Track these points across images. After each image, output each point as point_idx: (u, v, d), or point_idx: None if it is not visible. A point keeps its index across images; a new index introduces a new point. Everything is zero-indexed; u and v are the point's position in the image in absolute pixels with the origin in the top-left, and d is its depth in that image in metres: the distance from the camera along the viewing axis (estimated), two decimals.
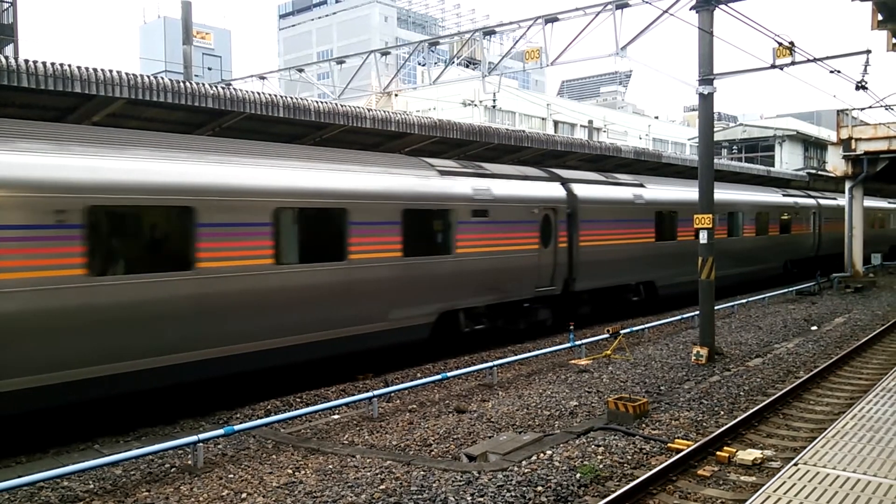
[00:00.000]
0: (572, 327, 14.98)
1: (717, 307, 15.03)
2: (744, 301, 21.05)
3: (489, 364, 12.28)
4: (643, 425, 9.36)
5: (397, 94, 40.05)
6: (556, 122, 50.73)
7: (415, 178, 13.25)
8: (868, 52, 14.16)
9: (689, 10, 13.32)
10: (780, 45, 13.30)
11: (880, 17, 17.50)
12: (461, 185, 14.08)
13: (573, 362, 13.30)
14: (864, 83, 14.65)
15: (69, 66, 9.88)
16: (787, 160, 44.05)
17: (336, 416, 10.26)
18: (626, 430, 9.05)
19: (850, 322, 18.30)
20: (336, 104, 13.75)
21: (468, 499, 6.88)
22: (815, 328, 17.33)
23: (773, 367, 13.06)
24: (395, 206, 12.58)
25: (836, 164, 28.10)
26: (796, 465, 6.56)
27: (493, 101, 40.14)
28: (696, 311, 14.55)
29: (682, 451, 8.13)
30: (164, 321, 9.45)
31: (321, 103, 13.45)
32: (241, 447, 8.88)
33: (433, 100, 39.34)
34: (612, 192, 18.25)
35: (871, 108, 25.27)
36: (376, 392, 10.45)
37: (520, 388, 11.54)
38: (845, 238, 28.15)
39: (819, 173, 36.96)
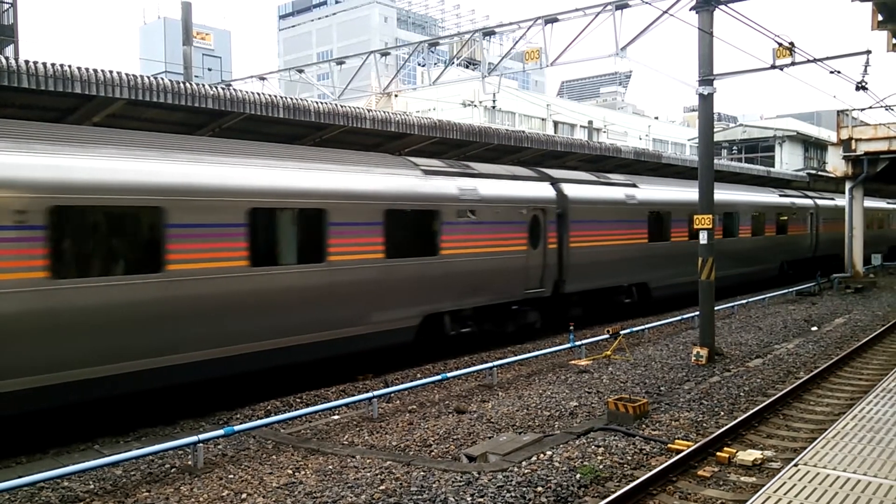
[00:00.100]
0: (572, 328, 14.97)
1: (716, 308, 15.03)
2: (744, 302, 21.05)
3: (489, 364, 12.28)
4: (643, 426, 9.37)
5: (397, 95, 40.06)
6: (556, 123, 50.75)
7: (398, 177, 12.99)
8: (868, 52, 14.17)
9: (689, 10, 13.35)
10: (780, 45, 13.30)
11: (880, 18, 17.51)
12: (447, 185, 13.84)
13: (573, 363, 13.31)
14: (864, 83, 14.65)
15: (69, 66, 9.86)
16: (787, 161, 44.05)
17: (336, 417, 10.27)
18: (626, 430, 9.05)
19: (850, 323, 18.30)
20: (336, 105, 13.76)
21: (468, 499, 6.88)
22: (815, 329, 17.33)
23: (774, 367, 13.06)
24: (377, 207, 12.33)
25: (836, 164, 28.09)
26: (796, 465, 6.56)
27: (493, 101, 40.21)
28: (696, 312, 14.55)
29: (682, 451, 8.13)
30: (131, 326, 9.12)
31: (321, 104, 13.45)
32: (241, 448, 8.88)
33: (433, 100, 39.36)
34: (604, 192, 18.03)
35: (871, 108, 25.26)
36: (376, 392, 10.45)
37: (520, 389, 11.54)
38: (845, 239, 28.13)
39: (819, 174, 36.93)
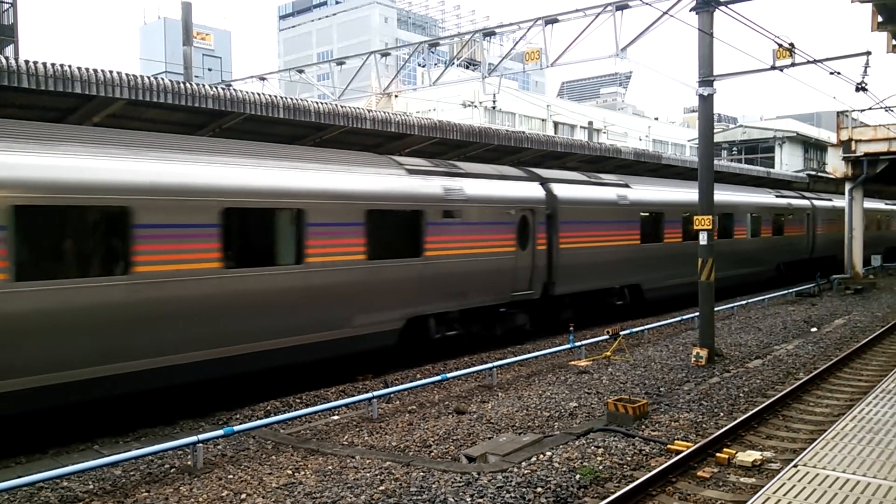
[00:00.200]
0: (572, 328, 14.96)
1: (716, 309, 15.03)
2: (743, 302, 21.06)
3: (489, 365, 12.28)
4: (643, 426, 9.37)
5: (397, 95, 40.09)
6: (556, 124, 50.77)
7: (380, 176, 12.66)
8: (868, 53, 14.18)
9: (689, 11, 13.35)
10: (780, 46, 13.31)
11: (880, 19, 17.56)
12: (431, 185, 13.47)
13: (573, 363, 13.31)
14: (864, 84, 14.66)
15: (69, 66, 9.86)
16: (787, 162, 44.09)
17: (336, 417, 10.27)
18: (625, 431, 9.05)
19: (849, 324, 18.30)
20: (336, 105, 13.77)
21: (468, 500, 6.88)
22: (814, 330, 17.33)
23: (773, 368, 13.06)
24: (358, 207, 12.00)
25: (835, 165, 28.10)
26: (796, 466, 6.57)
27: (493, 102, 40.27)
28: (696, 313, 14.55)
29: (681, 452, 8.13)
30: (96, 330, 8.80)
31: (321, 104, 13.46)
32: (241, 448, 8.88)
33: (433, 101, 39.39)
34: (595, 193, 17.75)
35: (871, 109, 25.26)
36: (376, 393, 10.45)
37: (519, 390, 11.54)
38: (845, 239, 28.11)
39: (819, 175, 36.94)
